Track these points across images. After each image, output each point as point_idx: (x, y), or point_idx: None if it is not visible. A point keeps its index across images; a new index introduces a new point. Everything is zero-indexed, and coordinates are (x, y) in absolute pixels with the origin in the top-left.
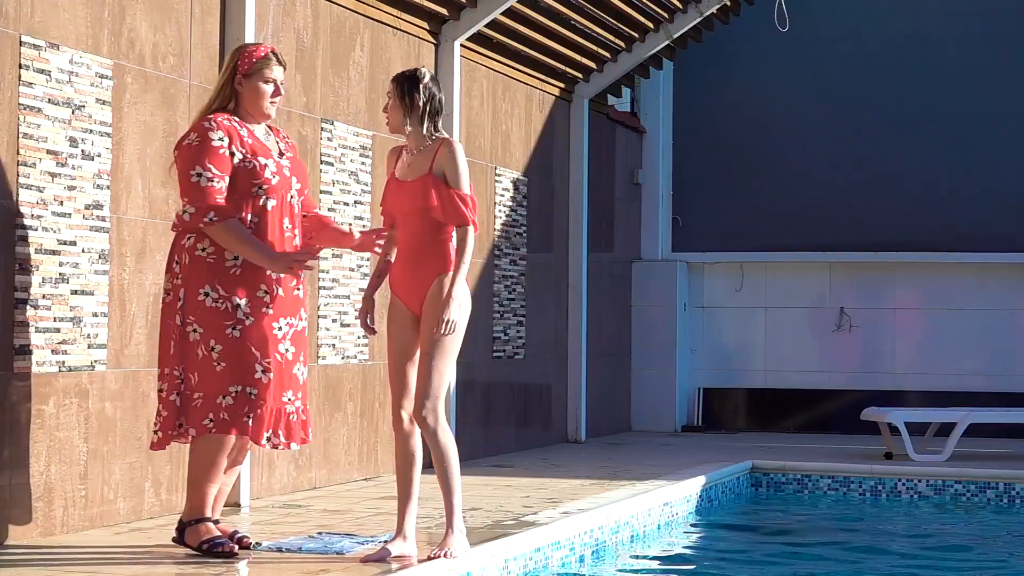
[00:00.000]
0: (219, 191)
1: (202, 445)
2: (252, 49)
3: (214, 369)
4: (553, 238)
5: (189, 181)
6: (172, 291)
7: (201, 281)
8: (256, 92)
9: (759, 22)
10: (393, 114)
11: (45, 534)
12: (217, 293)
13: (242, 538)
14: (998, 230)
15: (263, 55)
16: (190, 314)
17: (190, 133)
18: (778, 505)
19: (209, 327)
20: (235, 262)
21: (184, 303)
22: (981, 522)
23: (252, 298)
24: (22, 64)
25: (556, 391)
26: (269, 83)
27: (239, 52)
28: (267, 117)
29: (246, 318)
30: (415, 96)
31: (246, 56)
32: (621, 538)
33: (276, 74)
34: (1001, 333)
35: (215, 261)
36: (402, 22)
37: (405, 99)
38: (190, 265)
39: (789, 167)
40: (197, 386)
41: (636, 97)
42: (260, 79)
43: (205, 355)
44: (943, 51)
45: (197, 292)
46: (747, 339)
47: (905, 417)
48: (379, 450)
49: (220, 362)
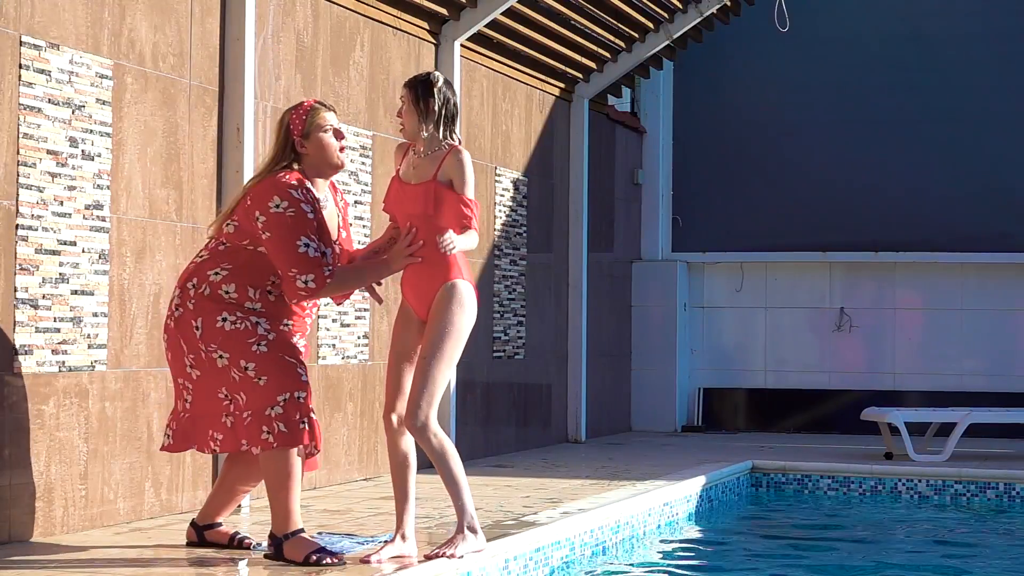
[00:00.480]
0: (323, 261)
1: (270, 459)
2: (296, 110)
3: (257, 385)
4: (553, 238)
5: (297, 252)
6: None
7: (218, 311)
8: (322, 145)
9: (759, 22)
10: (408, 119)
11: (45, 534)
12: (235, 316)
13: (243, 539)
14: (998, 230)
15: (309, 108)
16: (212, 341)
17: (274, 196)
18: (778, 505)
19: (235, 350)
20: (253, 307)
21: (203, 332)
22: (981, 522)
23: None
24: (22, 64)
25: (556, 391)
26: (328, 130)
27: (287, 117)
28: (339, 168)
29: (268, 333)
30: (430, 101)
31: (295, 118)
32: (621, 538)
33: (331, 120)
34: (1001, 333)
35: (233, 301)
36: (402, 22)
37: (420, 104)
38: (209, 298)
39: (789, 167)
40: (245, 405)
41: (636, 97)
42: (319, 131)
43: (242, 376)
44: (943, 51)
45: (215, 320)
46: (747, 339)
47: (905, 417)
48: (379, 450)
49: (260, 377)
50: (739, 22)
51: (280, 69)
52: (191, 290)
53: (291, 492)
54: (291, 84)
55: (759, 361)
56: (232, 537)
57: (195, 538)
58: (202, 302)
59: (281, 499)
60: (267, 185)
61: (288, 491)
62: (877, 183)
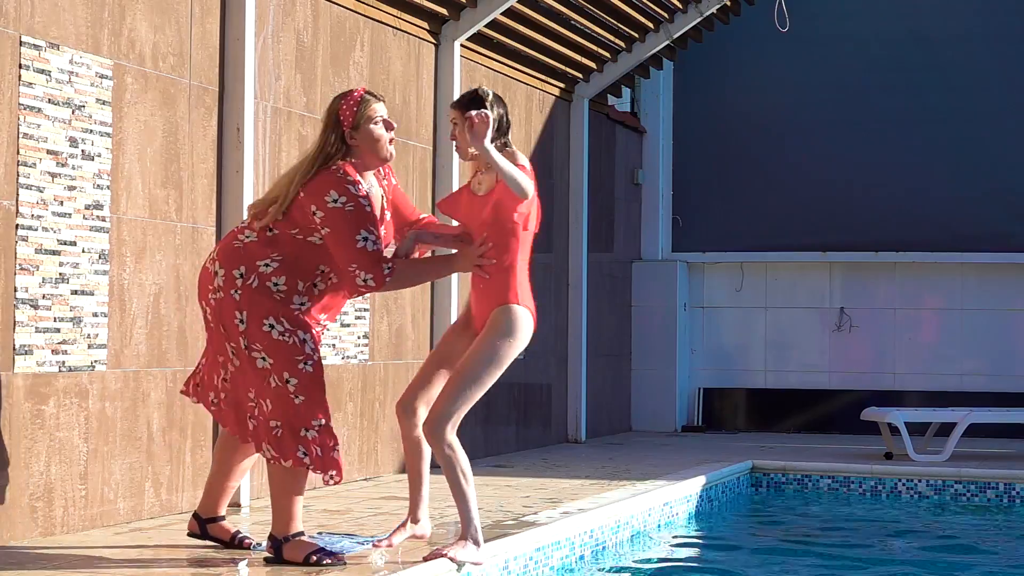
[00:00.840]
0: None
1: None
2: (346, 99)
3: (292, 401)
4: (553, 238)
5: (356, 247)
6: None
7: (264, 311)
8: (372, 137)
9: (759, 22)
10: (461, 139)
11: (45, 534)
12: (283, 327)
13: (243, 539)
14: (998, 230)
15: (359, 98)
16: (256, 341)
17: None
18: (778, 505)
19: (280, 360)
20: (299, 307)
21: (247, 328)
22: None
23: (312, 335)
24: (22, 64)
25: (556, 391)
26: (379, 122)
27: (336, 106)
28: (386, 161)
29: (313, 353)
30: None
31: (344, 109)
32: (621, 538)
33: (381, 111)
34: (1001, 333)
35: (282, 299)
36: (402, 22)
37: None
38: (257, 291)
39: (789, 167)
40: (271, 414)
41: (636, 97)
42: (370, 123)
43: (279, 386)
44: (943, 51)
45: (261, 322)
46: (747, 339)
47: (905, 417)
48: (379, 450)
49: (298, 395)
50: (739, 22)
51: (280, 69)
52: (238, 279)
53: (295, 499)
54: (291, 84)
55: (759, 361)
56: (233, 536)
57: (197, 530)
58: (249, 294)
59: (285, 505)
60: (323, 180)
61: (293, 499)
62: (877, 183)
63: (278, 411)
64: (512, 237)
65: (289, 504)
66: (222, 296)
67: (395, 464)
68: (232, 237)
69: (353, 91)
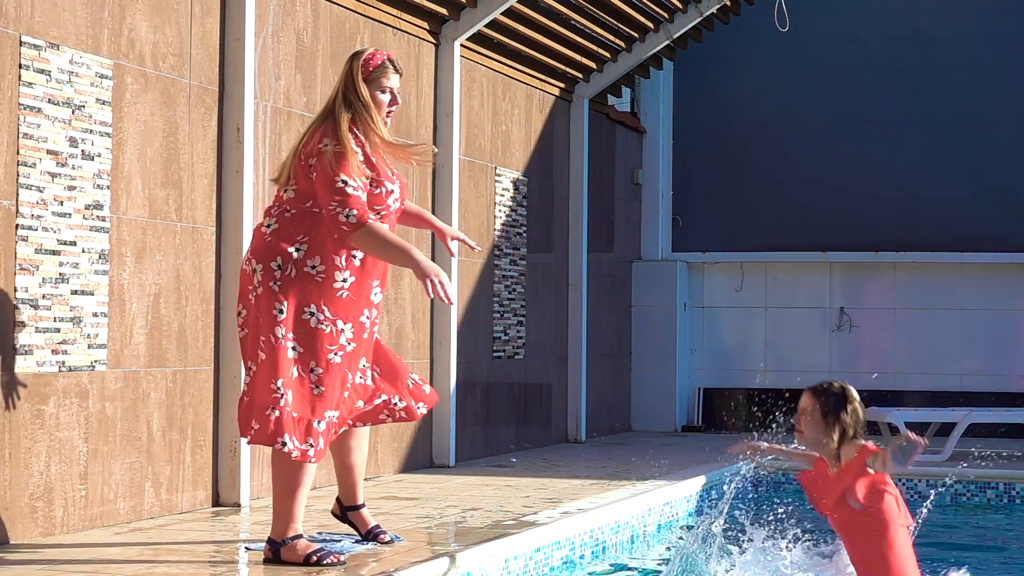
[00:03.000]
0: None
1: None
2: (369, 56)
3: (311, 392)
4: (553, 238)
5: (336, 185)
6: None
7: (307, 299)
8: (376, 101)
9: (759, 22)
10: (809, 428)
11: (45, 534)
12: (323, 315)
13: (379, 533)
14: (998, 230)
15: (380, 63)
16: (292, 330)
17: (323, 138)
18: (778, 505)
19: (311, 348)
20: (343, 285)
21: (287, 316)
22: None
23: (356, 323)
24: (22, 64)
25: (556, 391)
26: (386, 92)
27: (356, 59)
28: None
29: (348, 344)
30: (842, 416)
31: (363, 64)
32: (621, 538)
33: (393, 82)
34: (1001, 333)
35: (324, 281)
36: (402, 22)
37: (829, 417)
38: (297, 279)
39: (789, 167)
40: (295, 407)
41: (636, 97)
42: (377, 88)
43: (302, 375)
44: (943, 51)
45: (302, 310)
46: (747, 339)
47: (905, 417)
48: (379, 450)
49: (319, 386)
50: (739, 22)
51: (280, 69)
52: (276, 271)
53: (297, 499)
54: (291, 84)
55: (759, 361)
56: (371, 530)
57: (339, 512)
58: (289, 284)
59: (287, 505)
60: (319, 131)
61: (294, 499)
62: (877, 183)
63: (295, 403)
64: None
65: (289, 506)
66: (261, 291)
67: (395, 464)
68: (258, 233)
69: (378, 53)
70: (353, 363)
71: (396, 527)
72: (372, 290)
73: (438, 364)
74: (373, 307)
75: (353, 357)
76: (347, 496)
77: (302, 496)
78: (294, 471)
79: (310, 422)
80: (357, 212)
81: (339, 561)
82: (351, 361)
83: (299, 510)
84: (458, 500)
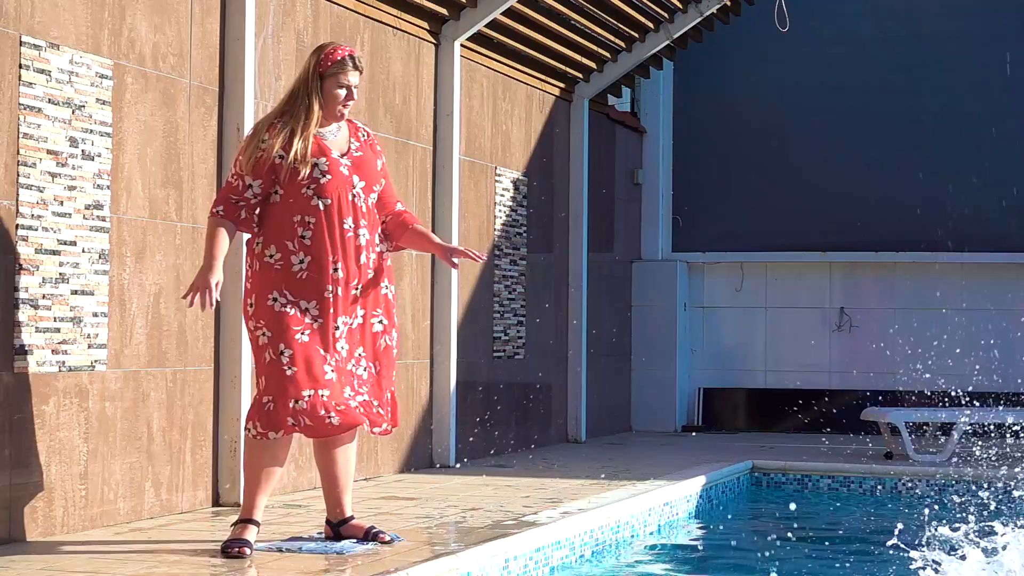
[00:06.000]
0: (235, 188)
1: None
2: (330, 51)
3: (284, 373)
4: (553, 238)
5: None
6: (245, 295)
7: (269, 287)
8: (328, 96)
9: (759, 22)
10: None
11: (45, 534)
12: (285, 299)
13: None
14: (998, 230)
15: (340, 59)
16: (260, 318)
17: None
18: (778, 505)
19: (279, 331)
20: (301, 267)
21: (255, 308)
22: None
23: (320, 299)
24: (22, 64)
25: (556, 391)
26: (343, 88)
27: (319, 51)
28: (339, 119)
29: (314, 321)
30: None
31: (324, 58)
32: (621, 538)
33: (352, 79)
34: (1001, 333)
35: (282, 267)
36: (402, 22)
37: None
38: (260, 271)
39: (789, 167)
40: (265, 390)
41: (636, 97)
42: (335, 84)
43: (274, 359)
44: (943, 51)
45: (266, 298)
46: (747, 339)
47: (905, 417)
48: (379, 450)
49: (291, 367)
50: (739, 22)
51: (280, 69)
52: (248, 269)
53: (257, 484)
54: (291, 84)
55: (759, 361)
56: (367, 531)
57: (332, 534)
58: (254, 278)
59: (251, 487)
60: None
61: (254, 482)
62: (877, 183)
63: (270, 386)
64: None
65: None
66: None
67: (395, 464)
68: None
69: (339, 49)
70: (326, 340)
71: (396, 527)
72: (331, 266)
73: (438, 364)
74: (339, 284)
75: (323, 333)
76: (335, 512)
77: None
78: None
79: (286, 402)
80: (215, 202)
81: (239, 554)
82: (323, 338)
83: (258, 496)
84: (458, 500)
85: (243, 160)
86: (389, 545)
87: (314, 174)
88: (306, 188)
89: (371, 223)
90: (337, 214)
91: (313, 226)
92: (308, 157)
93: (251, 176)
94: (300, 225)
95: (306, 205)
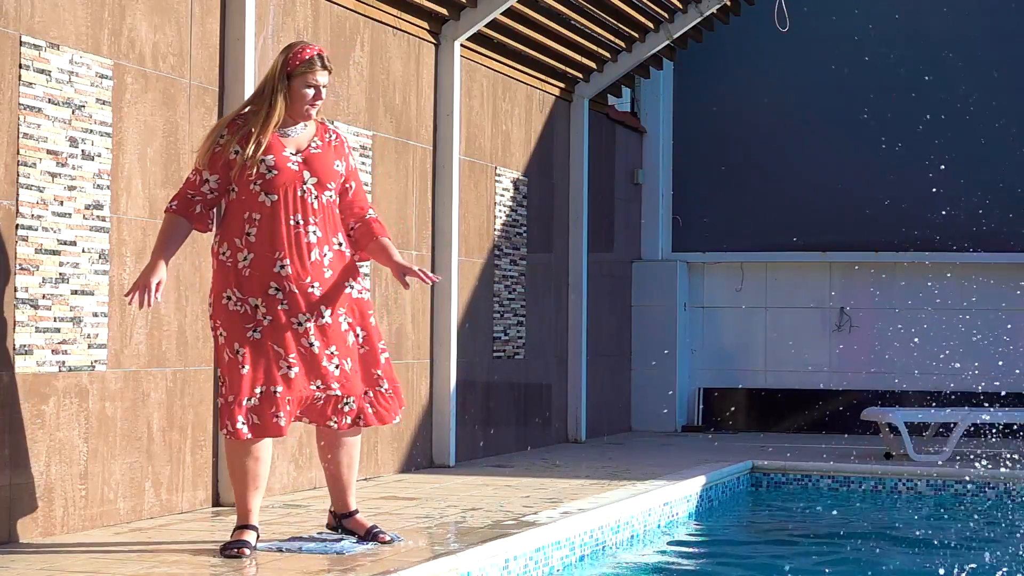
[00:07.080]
0: (192, 183)
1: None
2: (299, 50)
3: (239, 371)
4: (553, 238)
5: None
6: (209, 295)
7: (223, 285)
8: (296, 95)
9: (759, 22)
10: None
11: (45, 534)
12: (235, 296)
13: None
14: (998, 230)
15: (308, 58)
16: (217, 318)
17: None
18: (778, 505)
19: (232, 330)
20: (245, 264)
21: (213, 308)
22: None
23: (265, 296)
24: (22, 64)
25: (556, 391)
26: (311, 88)
27: (288, 50)
28: (306, 118)
29: (264, 318)
30: None
31: (293, 57)
32: (621, 538)
33: (320, 79)
34: (1001, 333)
35: (231, 264)
36: (402, 22)
37: None
38: (217, 270)
39: (789, 167)
40: (228, 389)
41: (636, 97)
42: (303, 84)
43: (231, 358)
44: (943, 51)
45: (221, 296)
46: (747, 339)
47: (905, 417)
48: (379, 450)
49: (244, 364)
50: (739, 22)
51: None
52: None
53: (244, 487)
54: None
55: (759, 361)
56: (368, 530)
57: (334, 524)
58: (214, 277)
59: (239, 491)
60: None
61: (240, 485)
62: (877, 183)
63: (231, 385)
64: None
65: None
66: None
67: (395, 464)
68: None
69: (308, 48)
70: (278, 336)
71: (396, 527)
72: (276, 263)
73: (438, 364)
74: (289, 281)
75: (275, 330)
76: (338, 505)
77: (250, 485)
78: (234, 454)
79: (240, 400)
80: (172, 197)
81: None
82: (275, 335)
83: (249, 500)
84: (458, 500)
85: (200, 154)
86: (389, 545)
87: (261, 170)
88: (254, 184)
89: (325, 221)
90: (284, 210)
91: (259, 222)
92: (258, 156)
93: (208, 171)
94: (247, 222)
95: (254, 201)
